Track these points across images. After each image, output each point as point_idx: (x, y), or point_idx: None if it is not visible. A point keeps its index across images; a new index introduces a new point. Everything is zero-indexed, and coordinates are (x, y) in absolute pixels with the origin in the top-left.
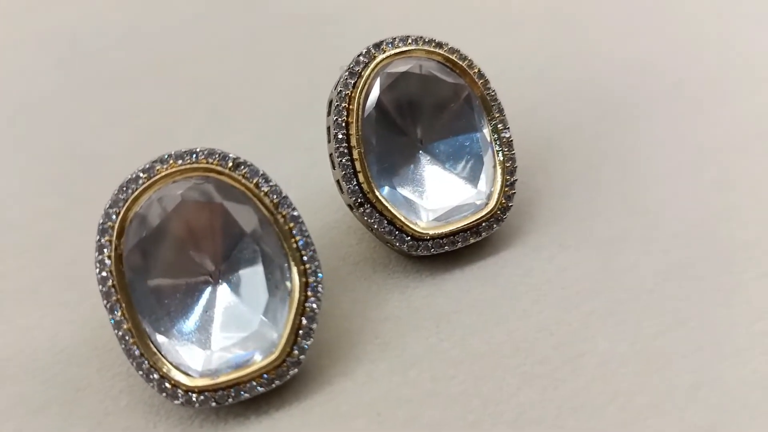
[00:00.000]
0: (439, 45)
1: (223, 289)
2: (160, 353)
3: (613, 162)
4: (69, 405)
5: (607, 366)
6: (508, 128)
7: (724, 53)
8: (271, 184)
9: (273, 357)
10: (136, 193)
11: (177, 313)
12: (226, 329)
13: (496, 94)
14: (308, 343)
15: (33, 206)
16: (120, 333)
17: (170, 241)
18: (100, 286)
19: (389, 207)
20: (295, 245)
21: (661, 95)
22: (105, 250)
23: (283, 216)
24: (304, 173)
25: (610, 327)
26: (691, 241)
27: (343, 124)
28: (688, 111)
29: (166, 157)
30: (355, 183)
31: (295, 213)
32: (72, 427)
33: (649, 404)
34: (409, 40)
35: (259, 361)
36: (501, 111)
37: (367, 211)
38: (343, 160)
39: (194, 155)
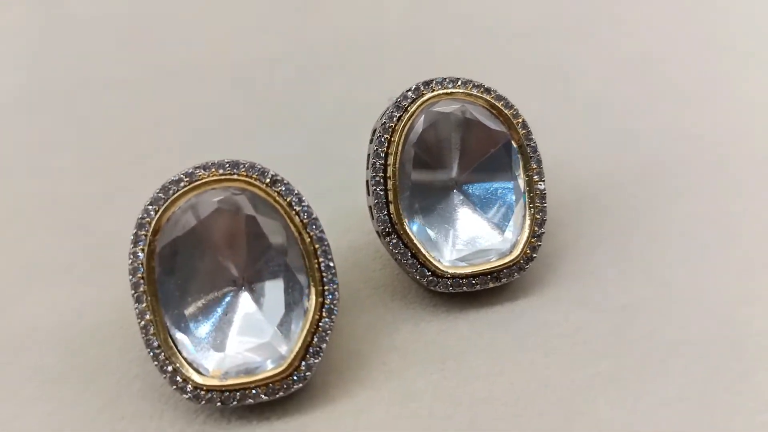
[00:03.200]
0: (487, 90)
1: (245, 296)
2: (177, 348)
3: (644, 228)
4: (86, 380)
5: (602, 430)
6: (544, 180)
7: None
8: (303, 204)
9: (280, 369)
10: (176, 195)
11: (198, 313)
12: (242, 335)
13: (536, 145)
14: (317, 361)
15: (78, 187)
16: (142, 323)
17: (201, 244)
18: (131, 277)
19: (415, 241)
20: (317, 266)
21: (704, 168)
22: (140, 244)
23: (311, 236)
24: (341, 192)
25: (612, 392)
26: (706, 321)
27: (383, 155)
28: (729, 189)
29: (209, 164)
30: (385, 213)
31: (322, 235)
32: (85, 402)
33: None
34: (459, 82)
35: (267, 370)
36: (539, 163)
37: (393, 241)
38: (378, 189)
39: (236, 167)
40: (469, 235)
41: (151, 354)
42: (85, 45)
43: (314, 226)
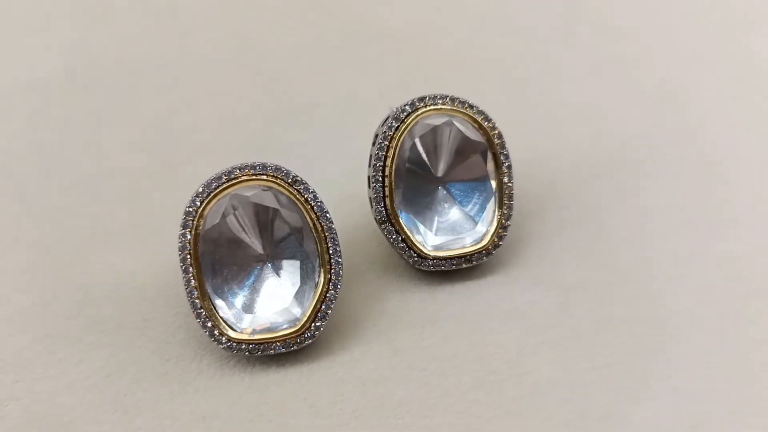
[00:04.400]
0: (471, 107)
1: (269, 270)
2: (215, 309)
3: (598, 220)
4: (138, 330)
5: (541, 386)
6: (512, 183)
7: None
8: (318, 200)
9: (295, 328)
10: (217, 190)
11: (232, 282)
12: (266, 301)
13: (508, 153)
14: (323, 323)
15: (129, 161)
16: (188, 289)
17: (235, 229)
18: (179, 252)
19: (405, 228)
20: (326, 249)
21: (659, 167)
22: (187, 227)
23: (322, 226)
24: (347, 178)
25: (554, 356)
26: (636, 300)
27: (382, 158)
28: (678, 187)
29: (243, 166)
30: (382, 205)
31: (332, 225)
32: (139, 348)
33: (564, 423)
34: (447, 99)
35: (285, 329)
36: (509, 168)
37: (388, 228)
38: (377, 186)
39: (264, 169)
40: (449, 225)
41: (195, 313)
42: (123, 27)
43: (325, 218)
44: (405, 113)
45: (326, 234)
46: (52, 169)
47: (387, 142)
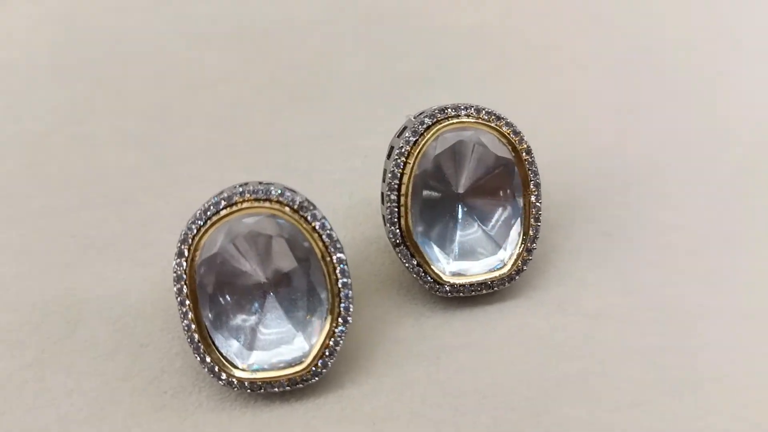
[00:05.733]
0: (498, 118)
1: (273, 304)
2: (214, 344)
3: (625, 234)
4: (133, 356)
5: (563, 427)
6: (540, 202)
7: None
8: (327, 229)
9: (301, 367)
10: (216, 217)
11: (231, 315)
12: (269, 336)
13: (537, 170)
14: (332, 360)
15: (121, 165)
16: (185, 322)
17: (236, 258)
18: (175, 284)
19: (421, 252)
20: (336, 282)
21: (690, 177)
22: (183, 256)
23: (331, 257)
24: (356, 181)
25: (577, 393)
26: (665, 330)
27: (399, 175)
28: (709, 199)
29: (243, 190)
30: (397, 227)
31: (342, 256)
32: (134, 377)
33: None
34: (472, 110)
35: (290, 368)
36: (537, 186)
37: (403, 251)
38: (392, 205)
39: (268, 192)
40: (469, 247)
41: (192, 347)
42: (119, 18)
43: (335, 249)
44: (425, 126)
45: (336, 266)
46: (36, 165)
47: (404, 158)
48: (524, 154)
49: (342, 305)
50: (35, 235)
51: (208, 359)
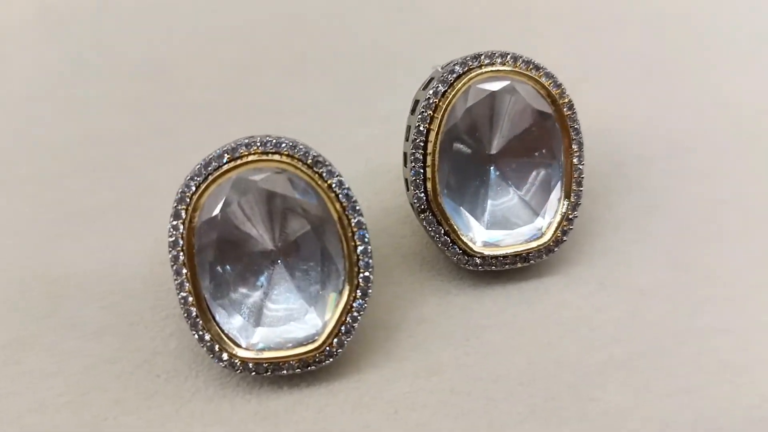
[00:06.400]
0: (536, 68)
1: (281, 273)
2: (215, 320)
3: (669, 208)
4: (122, 337)
5: (609, 416)
6: (583, 164)
7: None
8: (344, 187)
9: (314, 346)
10: (218, 173)
11: (235, 287)
12: (277, 311)
13: (579, 127)
14: (348, 339)
15: (114, 124)
16: (181, 294)
17: (240, 221)
18: (170, 249)
19: (449, 219)
20: (354, 249)
21: (736, 149)
22: (180, 218)
23: (349, 220)
24: (374, 146)
25: (623, 378)
26: (718, 309)
27: (425, 131)
28: (757, 173)
29: (251, 141)
30: (422, 190)
31: (362, 219)
32: (122, 360)
33: None
34: (508, 58)
35: (301, 346)
36: (580, 146)
37: (429, 218)
38: (416, 165)
39: (278, 146)
40: (502, 215)
41: (189, 322)
42: None
43: (353, 210)
44: (455, 75)
45: (354, 230)
46: (22, 131)
47: (431, 112)
48: (566, 109)
49: (361, 276)
50: (19, 203)
51: (207, 337)
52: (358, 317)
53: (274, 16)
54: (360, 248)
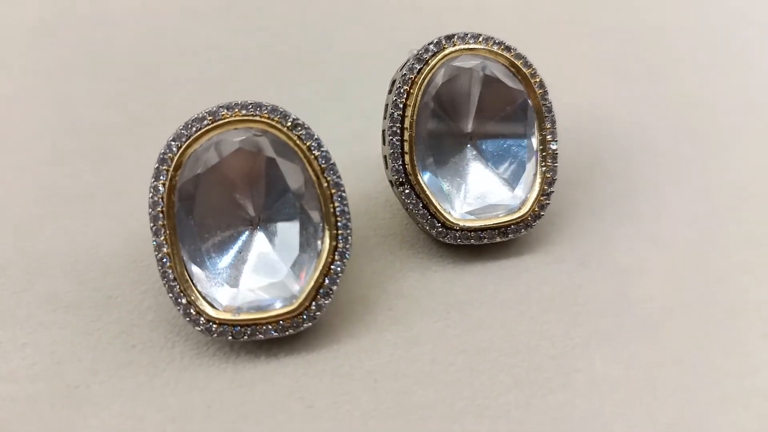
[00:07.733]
0: (507, 48)
1: (260, 235)
2: (192, 282)
3: (652, 194)
4: (99, 309)
5: (596, 386)
6: (557, 141)
7: None
8: (322, 149)
9: (292, 307)
10: (199, 132)
11: (214, 249)
12: (256, 273)
13: (552, 105)
14: (327, 302)
15: (99, 115)
16: (159, 255)
17: (220, 182)
18: (150, 210)
19: (427, 192)
20: (332, 210)
21: (716, 137)
22: (161, 178)
23: (327, 181)
24: (356, 140)
25: (609, 350)
26: (706, 286)
27: (401, 106)
28: (738, 160)
29: (232, 104)
30: (400, 163)
31: (339, 180)
32: (98, 331)
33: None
34: (480, 38)
35: (279, 308)
36: (553, 123)
37: (407, 191)
38: (394, 139)
39: (258, 108)
40: (480, 190)
41: (167, 285)
42: None
43: (332, 171)
44: (429, 54)
45: (332, 191)
46: (4, 119)
47: (407, 87)
48: (537, 87)
49: (339, 237)
50: (0, 188)
51: (183, 300)
52: (337, 280)
53: (257, 16)
54: (338, 209)
